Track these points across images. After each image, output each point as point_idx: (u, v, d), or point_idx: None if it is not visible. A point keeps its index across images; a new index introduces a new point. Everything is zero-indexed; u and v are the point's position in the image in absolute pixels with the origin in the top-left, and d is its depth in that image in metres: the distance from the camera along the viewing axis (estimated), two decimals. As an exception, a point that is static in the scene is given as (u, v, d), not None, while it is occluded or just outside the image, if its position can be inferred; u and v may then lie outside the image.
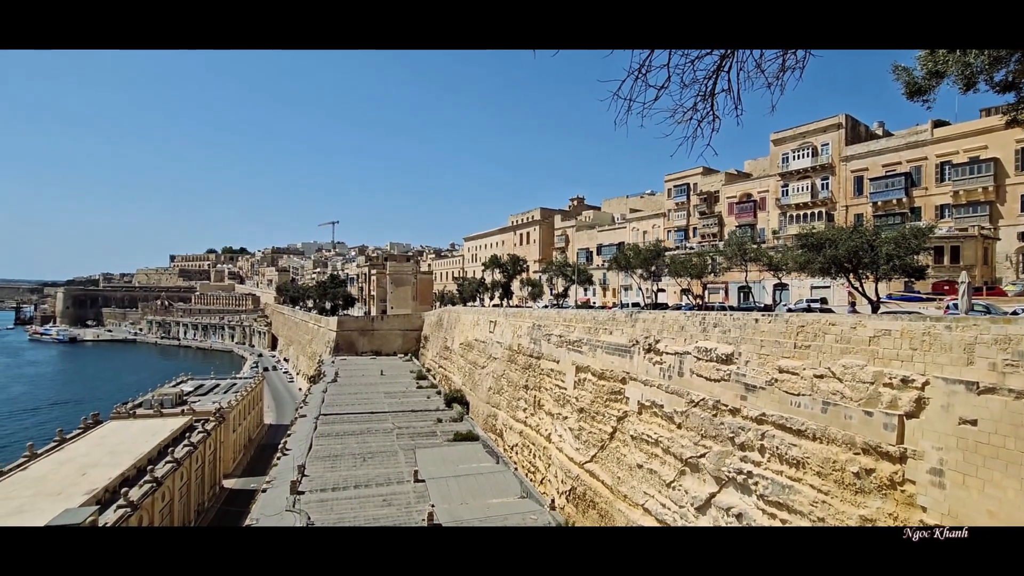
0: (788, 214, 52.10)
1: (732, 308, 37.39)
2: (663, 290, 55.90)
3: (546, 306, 61.89)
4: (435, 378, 79.67)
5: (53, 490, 35.59)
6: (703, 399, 27.68)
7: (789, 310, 30.87)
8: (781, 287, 44.33)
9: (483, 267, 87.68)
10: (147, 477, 39.94)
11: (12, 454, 45.04)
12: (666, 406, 30.41)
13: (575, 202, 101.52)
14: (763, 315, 25.85)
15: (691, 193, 64.89)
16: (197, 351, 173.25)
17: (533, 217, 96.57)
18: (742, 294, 48.18)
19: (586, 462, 37.27)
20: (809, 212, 50.38)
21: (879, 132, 51.42)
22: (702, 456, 27.13)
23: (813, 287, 42.53)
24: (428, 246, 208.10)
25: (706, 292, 50.36)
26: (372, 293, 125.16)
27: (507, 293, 79.60)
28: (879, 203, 44.96)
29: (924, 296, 34.44)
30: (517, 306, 72.56)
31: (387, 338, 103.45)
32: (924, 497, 17.48)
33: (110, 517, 33.27)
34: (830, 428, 20.83)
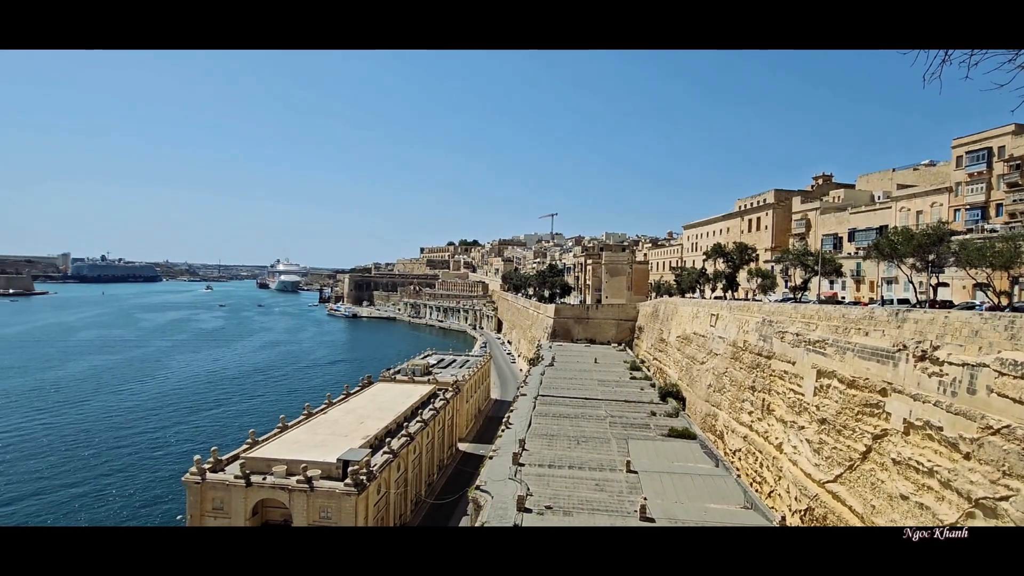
0: None
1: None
2: (945, 284, 44.58)
3: (780, 300, 55.01)
4: (649, 370, 77.90)
5: (342, 432, 45.38)
6: (1007, 426, 21.32)
7: None
8: None
9: (704, 256, 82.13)
10: (403, 431, 48.06)
11: (318, 399, 58.86)
12: (947, 429, 24.30)
13: (819, 180, 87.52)
14: (1121, 320, 18.59)
15: (994, 159, 50.07)
16: (438, 330, 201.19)
17: (765, 200, 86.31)
18: (1079, 292, 35.41)
19: (828, 481, 32.17)
20: None
21: None
22: (1003, 499, 20.97)
23: None
24: (644, 235, 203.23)
25: (1016, 288, 38.40)
26: (587, 282, 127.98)
27: (731, 285, 73.14)
28: None
29: None
30: (743, 299, 66.18)
31: (601, 327, 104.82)
32: None
33: (378, 460, 41.00)
34: None
